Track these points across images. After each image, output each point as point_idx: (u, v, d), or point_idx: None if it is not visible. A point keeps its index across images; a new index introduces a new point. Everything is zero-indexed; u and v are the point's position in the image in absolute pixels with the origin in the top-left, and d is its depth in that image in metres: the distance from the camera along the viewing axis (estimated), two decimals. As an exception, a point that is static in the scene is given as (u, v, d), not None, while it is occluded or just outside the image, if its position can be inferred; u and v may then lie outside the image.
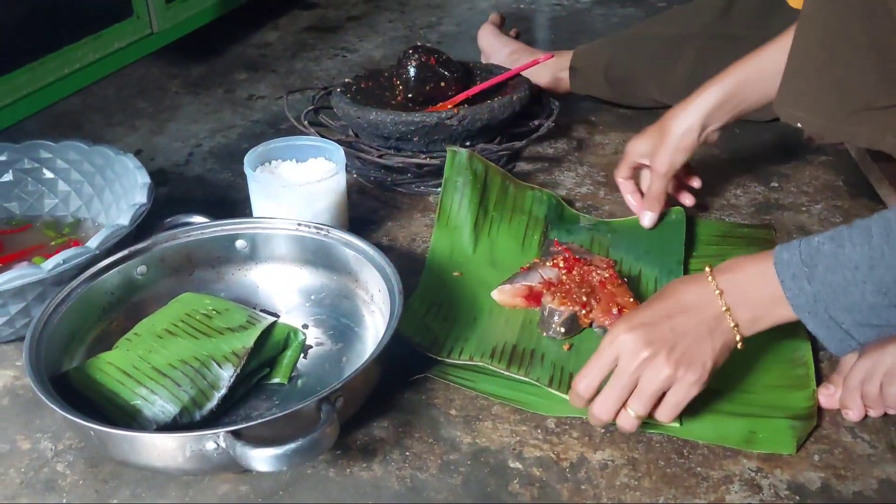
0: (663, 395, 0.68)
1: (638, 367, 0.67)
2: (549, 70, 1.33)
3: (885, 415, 0.73)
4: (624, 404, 0.68)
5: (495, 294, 0.88)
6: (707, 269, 0.68)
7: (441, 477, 0.69)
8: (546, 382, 0.77)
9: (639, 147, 0.99)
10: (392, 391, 0.77)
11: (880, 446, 0.71)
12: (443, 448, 0.72)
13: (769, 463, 0.69)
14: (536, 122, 1.17)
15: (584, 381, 0.69)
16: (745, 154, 1.19)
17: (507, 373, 0.78)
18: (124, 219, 0.85)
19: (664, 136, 0.96)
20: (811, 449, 0.71)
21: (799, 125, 0.83)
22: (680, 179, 1.03)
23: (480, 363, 0.79)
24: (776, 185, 1.11)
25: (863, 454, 0.70)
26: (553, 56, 1.29)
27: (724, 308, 0.66)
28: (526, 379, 0.77)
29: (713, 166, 1.16)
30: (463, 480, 0.69)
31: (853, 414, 0.73)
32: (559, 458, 0.71)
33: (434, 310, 0.86)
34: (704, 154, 1.19)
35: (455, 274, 0.92)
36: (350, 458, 0.71)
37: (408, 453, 0.71)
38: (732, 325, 0.66)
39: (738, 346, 0.67)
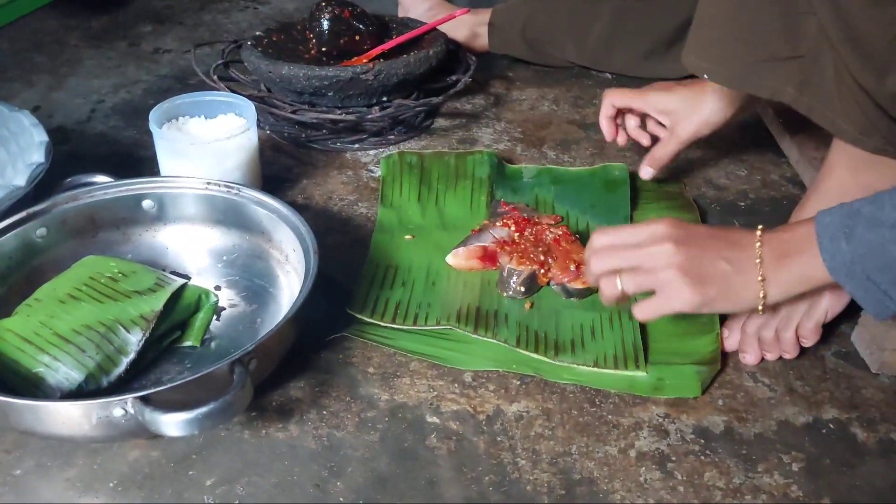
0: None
1: (652, 250, 0.67)
2: (467, 26, 1.32)
3: (784, 360, 0.77)
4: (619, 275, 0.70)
5: (450, 259, 0.87)
6: (758, 233, 0.67)
7: (358, 434, 0.69)
8: (514, 343, 0.77)
9: (662, 102, 0.95)
10: (308, 351, 0.77)
11: (779, 389, 0.74)
12: (360, 406, 0.72)
13: (676, 409, 0.72)
14: (454, 78, 1.17)
15: (602, 239, 0.71)
16: (656, 109, 1.21)
17: (475, 336, 0.78)
18: (20, 179, 0.81)
19: (700, 104, 0.93)
20: (715, 394, 0.73)
21: (705, 76, 0.84)
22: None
23: (448, 326, 0.78)
24: (686, 139, 1.13)
25: (763, 397, 0.73)
26: (469, 11, 1.28)
27: (759, 279, 0.67)
28: (494, 341, 0.77)
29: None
30: (380, 437, 0.69)
31: (750, 357, 0.76)
32: (476, 411, 0.72)
33: (391, 277, 0.85)
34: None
35: (407, 237, 0.91)
36: (265, 419, 0.70)
37: (324, 412, 0.71)
38: (762, 295, 0.67)
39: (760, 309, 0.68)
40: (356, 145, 1.10)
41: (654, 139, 0.99)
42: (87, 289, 0.74)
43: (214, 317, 0.79)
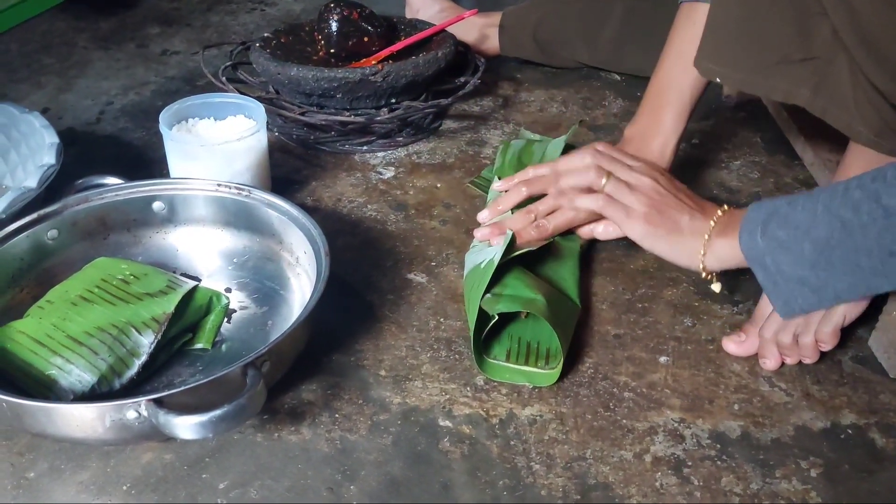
0: None
1: (641, 176, 0.79)
2: (476, 28, 1.32)
3: (800, 365, 0.76)
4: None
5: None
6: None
7: (371, 438, 0.69)
8: (503, 358, 0.76)
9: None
10: (320, 354, 0.76)
11: (796, 394, 0.73)
12: (372, 409, 0.71)
13: (691, 413, 0.71)
14: (462, 80, 1.16)
15: (605, 148, 0.84)
16: (666, 111, 1.20)
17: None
18: (32, 181, 0.81)
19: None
20: (731, 399, 0.73)
21: (718, 80, 0.84)
22: None
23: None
24: (697, 141, 1.13)
25: (780, 402, 0.73)
26: (477, 12, 1.27)
27: (702, 251, 0.75)
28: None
29: (636, 123, 1.17)
30: (393, 440, 0.69)
31: (770, 363, 0.75)
32: (488, 414, 0.71)
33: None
34: (627, 111, 1.20)
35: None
36: (278, 422, 0.70)
37: (337, 415, 0.71)
38: (701, 263, 0.76)
39: (705, 274, 0.76)
40: (365, 147, 1.10)
41: None
42: (98, 291, 0.73)
43: (225, 319, 0.78)
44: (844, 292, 0.67)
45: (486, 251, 0.81)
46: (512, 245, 0.79)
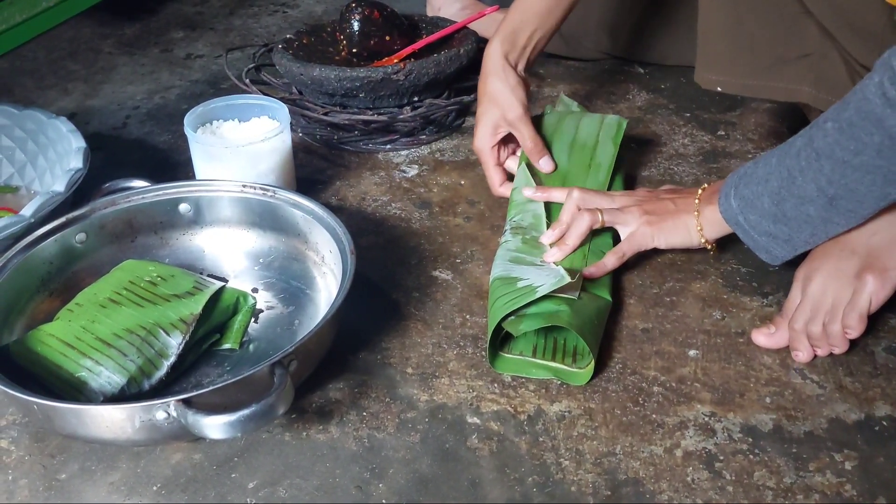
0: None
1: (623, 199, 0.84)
2: (498, 24, 1.31)
3: (833, 356, 0.75)
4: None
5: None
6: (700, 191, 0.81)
7: (399, 436, 0.69)
8: (529, 353, 0.76)
9: (492, 121, 0.94)
10: (346, 352, 0.76)
11: (829, 386, 0.72)
12: (400, 407, 0.71)
13: (722, 407, 0.70)
14: (484, 76, 1.16)
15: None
16: (691, 104, 1.19)
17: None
18: (59, 185, 0.82)
19: (501, 95, 0.94)
20: (762, 392, 0.72)
21: (719, 89, 0.84)
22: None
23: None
24: (723, 133, 1.12)
25: (812, 395, 0.72)
26: (498, 8, 1.27)
27: (698, 227, 0.79)
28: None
29: (661, 116, 1.16)
30: (421, 438, 0.68)
31: (802, 355, 0.74)
32: (516, 411, 0.71)
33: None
34: (652, 104, 1.19)
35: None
36: (306, 421, 0.70)
37: (364, 413, 0.71)
38: (701, 236, 0.80)
39: (706, 245, 0.81)
40: (388, 146, 1.10)
41: None
42: (126, 293, 0.74)
43: (252, 319, 0.79)
44: (813, 238, 0.72)
45: (528, 270, 0.80)
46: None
